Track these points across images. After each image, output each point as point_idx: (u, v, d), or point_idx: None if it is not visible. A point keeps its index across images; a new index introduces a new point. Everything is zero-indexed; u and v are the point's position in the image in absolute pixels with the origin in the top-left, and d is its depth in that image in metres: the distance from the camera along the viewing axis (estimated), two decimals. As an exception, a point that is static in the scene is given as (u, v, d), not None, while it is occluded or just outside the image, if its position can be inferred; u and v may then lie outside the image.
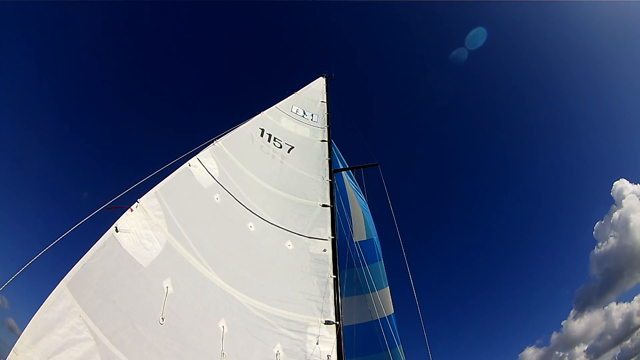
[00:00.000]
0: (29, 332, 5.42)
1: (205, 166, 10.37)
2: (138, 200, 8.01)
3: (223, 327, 8.06)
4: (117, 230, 7.18)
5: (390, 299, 15.83)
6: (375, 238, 17.46)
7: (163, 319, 7.05)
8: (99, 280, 6.53)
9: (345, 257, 14.01)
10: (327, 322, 9.42)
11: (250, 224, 10.67)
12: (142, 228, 7.72)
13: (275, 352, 8.49)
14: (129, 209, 7.68)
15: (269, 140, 13.98)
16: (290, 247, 10.95)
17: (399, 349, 14.44)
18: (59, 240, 6.88)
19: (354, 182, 18.01)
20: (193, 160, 10.13)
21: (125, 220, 7.48)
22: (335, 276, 10.56)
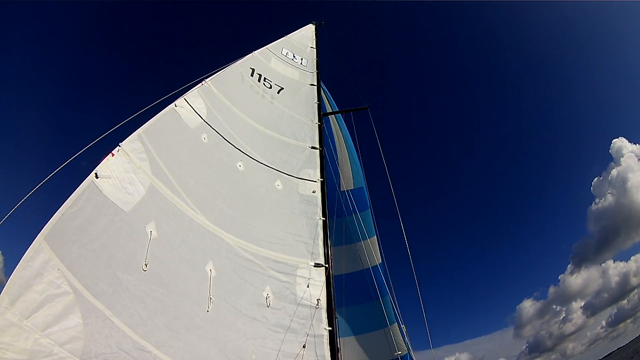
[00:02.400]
0: (7, 293, 4.90)
1: (192, 106, 9.64)
2: (120, 144, 7.28)
3: (210, 270, 7.54)
4: (97, 177, 6.51)
5: (379, 248, 15.11)
6: (364, 186, 16.75)
7: (146, 265, 6.52)
8: (77, 230, 5.94)
9: (334, 205, 13.33)
10: (317, 265, 8.96)
11: (240, 163, 9.99)
12: (124, 172, 7.07)
13: (265, 295, 7.99)
14: (110, 154, 6.86)
15: (259, 80, 13.18)
16: (280, 187, 10.33)
17: (389, 298, 13.86)
18: (35, 190, 6.24)
19: (344, 129, 17.11)
20: (179, 101, 9.39)
21: (106, 166, 6.83)
22: (324, 218, 10.05)
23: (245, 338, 7.20)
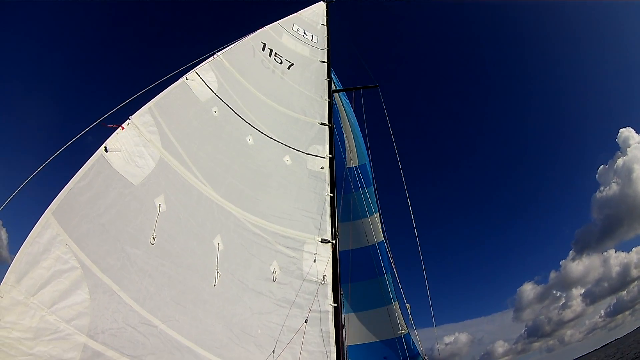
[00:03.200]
0: (13, 270, 4.74)
1: (203, 79, 9.39)
2: (130, 117, 7.06)
3: (218, 244, 7.38)
4: (106, 150, 6.30)
5: (381, 225, 14.87)
6: (368, 163, 16.48)
7: (154, 239, 6.35)
8: (86, 204, 5.78)
9: (341, 181, 13.11)
10: (324, 241, 8.78)
11: (249, 137, 9.78)
12: (133, 145, 6.85)
13: (272, 269, 7.84)
14: (120, 127, 6.69)
15: (270, 55, 12.89)
16: (289, 162, 10.12)
17: (392, 274, 13.69)
18: (46, 164, 6.02)
19: (349, 107, 16.76)
20: (191, 74, 9.13)
21: (116, 139, 6.60)
22: (332, 194, 9.83)
23: (251, 312, 7.07)
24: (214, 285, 6.81)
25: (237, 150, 9.29)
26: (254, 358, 6.67)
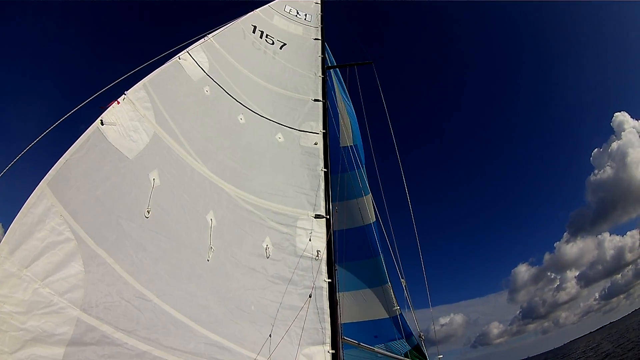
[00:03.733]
0: (7, 242, 4.56)
1: (195, 60, 9.28)
2: (125, 92, 6.93)
3: (211, 220, 7.33)
4: (102, 124, 6.17)
5: (373, 206, 14.69)
6: (359, 144, 16.23)
7: (149, 212, 6.24)
8: (82, 176, 5.63)
9: (338, 161, 13.02)
10: (317, 216, 8.77)
11: (241, 116, 9.73)
12: (128, 120, 6.71)
13: (265, 245, 7.82)
14: (115, 102, 6.62)
15: (260, 37, 12.82)
16: (281, 140, 10.10)
17: (388, 253, 13.63)
18: (41, 138, 5.83)
19: (343, 88, 16.53)
20: (183, 54, 9.03)
21: (111, 113, 6.46)
22: (326, 170, 9.79)
23: (244, 289, 7.04)
24: (208, 261, 6.75)
25: (229, 129, 9.24)
26: (248, 334, 6.63)
